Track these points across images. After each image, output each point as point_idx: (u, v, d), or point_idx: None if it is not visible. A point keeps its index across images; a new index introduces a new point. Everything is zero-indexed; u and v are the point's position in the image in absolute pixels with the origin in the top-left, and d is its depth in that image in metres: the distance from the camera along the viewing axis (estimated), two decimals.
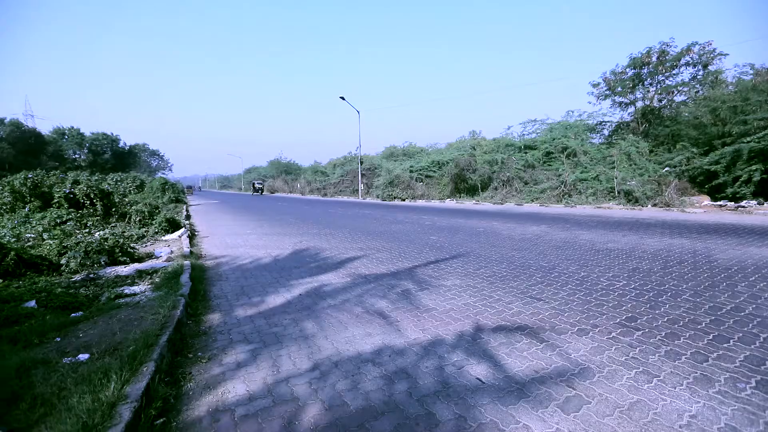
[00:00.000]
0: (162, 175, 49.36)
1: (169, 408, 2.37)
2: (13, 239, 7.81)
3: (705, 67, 20.46)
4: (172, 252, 7.50)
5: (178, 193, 26.25)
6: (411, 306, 4.14)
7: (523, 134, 27.13)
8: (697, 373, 2.60)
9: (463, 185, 25.43)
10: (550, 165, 22.54)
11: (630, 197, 16.82)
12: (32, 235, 8.21)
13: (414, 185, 27.79)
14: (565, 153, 21.71)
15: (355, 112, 31.24)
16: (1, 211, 11.91)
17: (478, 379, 2.60)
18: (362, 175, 32.69)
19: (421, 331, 3.46)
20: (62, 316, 3.76)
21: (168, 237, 9.79)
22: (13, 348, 2.93)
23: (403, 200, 26.41)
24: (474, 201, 22.51)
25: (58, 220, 9.82)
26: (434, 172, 28.98)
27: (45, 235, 8.05)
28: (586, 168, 20.10)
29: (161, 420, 2.23)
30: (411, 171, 29.60)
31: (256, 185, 50.15)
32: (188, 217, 16.29)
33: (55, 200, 11.75)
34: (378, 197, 28.56)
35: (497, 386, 2.50)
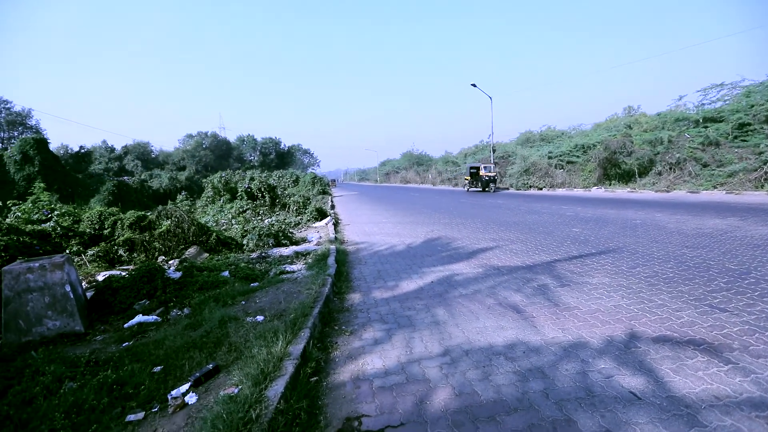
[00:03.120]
0: (312, 171, 56.56)
1: (320, 370, 2.76)
2: (213, 224, 10.16)
3: None
4: (320, 237, 8.61)
5: (324, 186, 29.79)
6: (549, 302, 3.82)
7: (702, 104, 21.51)
8: None
9: (614, 171, 21.77)
10: (744, 140, 17.37)
11: None
12: (225, 221, 10.53)
13: (553, 172, 25.16)
14: None
15: (487, 98, 29.97)
16: (206, 202, 15.59)
17: (631, 393, 2.25)
18: (495, 163, 31.24)
19: (561, 330, 3.17)
20: (245, 284, 4.74)
21: (317, 224, 11.26)
22: (216, 305, 3.85)
23: (540, 189, 24.22)
24: (628, 189, 19.12)
25: (241, 210, 12.33)
26: (577, 157, 25.60)
27: (233, 221, 10.22)
28: None
29: (314, 378, 2.62)
30: (549, 157, 26.83)
31: (485, 174, 25.20)
32: (333, 206, 18.35)
33: (239, 194, 14.74)
34: (512, 186, 26.91)
35: (658, 405, 2.12)
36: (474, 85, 28.68)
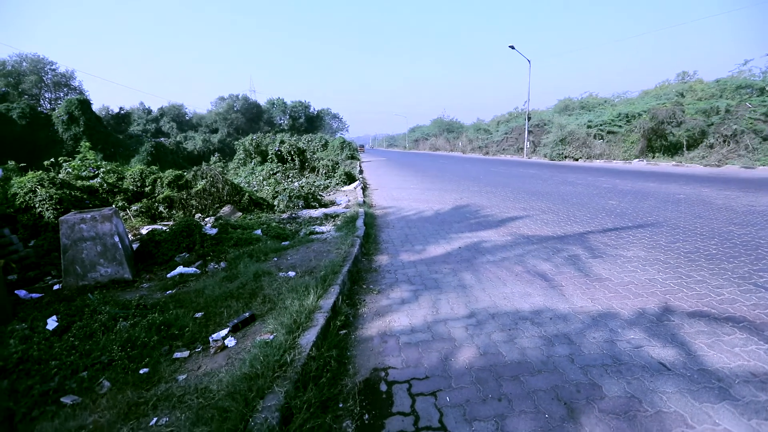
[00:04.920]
0: (341, 135, 56.15)
1: (349, 324, 2.88)
2: (245, 185, 10.44)
3: None
4: (349, 200, 8.71)
5: (353, 151, 29.70)
6: (578, 273, 3.75)
7: None
8: None
9: (660, 143, 20.23)
10: None
11: None
12: (256, 183, 10.80)
13: (591, 143, 23.81)
14: None
15: (525, 61, 28.25)
16: (238, 164, 15.98)
17: (660, 363, 2.23)
18: (529, 131, 29.90)
19: (590, 300, 3.12)
20: (277, 243, 4.92)
21: (346, 188, 11.35)
22: (250, 260, 4.03)
23: (576, 160, 23.13)
24: (673, 162, 17.92)
25: (271, 172, 12.56)
26: (619, 126, 23.93)
27: (264, 183, 10.47)
28: None
29: (344, 331, 2.74)
30: (589, 126, 25.28)
31: None
32: (361, 171, 18.36)
33: (269, 156, 14.97)
34: (545, 156, 25.82)
35: (688, 377, 2.09)
36: (512, 47, 27.05)
